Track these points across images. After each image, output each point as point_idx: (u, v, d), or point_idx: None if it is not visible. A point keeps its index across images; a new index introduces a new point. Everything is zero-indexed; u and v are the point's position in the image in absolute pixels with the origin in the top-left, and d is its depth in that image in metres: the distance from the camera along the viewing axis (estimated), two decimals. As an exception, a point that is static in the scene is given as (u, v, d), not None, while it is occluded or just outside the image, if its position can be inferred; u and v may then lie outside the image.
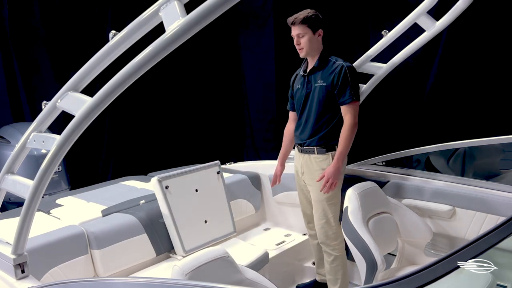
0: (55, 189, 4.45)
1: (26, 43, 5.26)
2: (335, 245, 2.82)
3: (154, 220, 2.88)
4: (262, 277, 1.90)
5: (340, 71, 2.69)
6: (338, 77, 2.69)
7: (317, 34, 2.74)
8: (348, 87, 2.67)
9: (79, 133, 1.67)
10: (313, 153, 2.82)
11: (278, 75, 5.79)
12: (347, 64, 2.72)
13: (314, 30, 2.73)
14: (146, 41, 1.56)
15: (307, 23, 2.70)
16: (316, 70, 2.79)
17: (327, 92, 2.73)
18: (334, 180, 2.68)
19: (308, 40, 2.73)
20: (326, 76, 2.74)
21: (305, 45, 2.74)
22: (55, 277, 2.40)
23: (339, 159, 2.69)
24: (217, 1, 1.34)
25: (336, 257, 2.83)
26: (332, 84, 2.71)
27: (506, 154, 3.45)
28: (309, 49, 2.76)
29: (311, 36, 2.73)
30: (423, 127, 4.78)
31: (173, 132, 6.21)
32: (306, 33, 2.72)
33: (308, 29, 2.71)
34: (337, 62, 2.74)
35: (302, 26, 2.71)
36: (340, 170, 2.71)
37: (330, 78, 2.71)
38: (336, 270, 2.85)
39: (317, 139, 2.80)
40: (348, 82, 2.67)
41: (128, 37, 1.59)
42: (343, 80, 2.68)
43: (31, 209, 1.86)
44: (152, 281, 1.54)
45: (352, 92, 2.67)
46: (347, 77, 2.67)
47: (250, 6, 5.74)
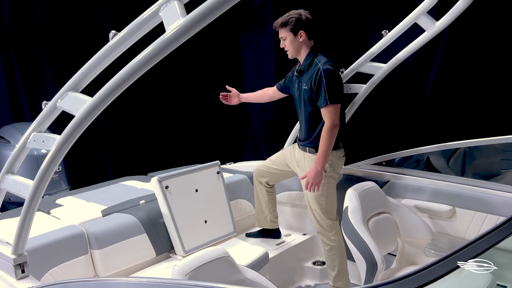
0: (55, 189, 4.44)
1: (26, 43, 5.26)
2: (331, 236, 2.89)
3: (154, 220, 2.88)
4: (262, 277, 1.90)
5: (316, 75, 2.72)
6: (314, 80, 2.72)
7: (298, 36, 2.78)
8: (323, 91, 2.69)
9: (79, 133, 1.67)
10: (305, 152, 2.92)
11: (278, 75, 5.78)
12: (324, 67, 2.71)
13: (295, 32, 2.78)
14: (146, 41, 1.56)
15: (285, 26, 2.79)
16: (303, 72, 2.85)
17: (310, 95, 2.78)
18: (315, 182, 2.73)
19: (290, 43, 2.81)
20: (307, 79, 2.79)
21: (288, 48, 2.84)
22: (55, 277, 2.40)
23: (318, 162, 2.73)
24: (217, 1, 1.34)
25: (333, 247, 2.90)
26: (311, 87, 2.75)
27: (506, 154, 3.45)
28: (293, 51, 2.85)
29: (292, 38, 2.80)
30: (423, 127, 4.77)
31: (173, 132, 6.20)
32: (287, 36, 2.81)
33: (288, 32, 2.79)
34: (318, 65, 2.74)
35: (282, 29, 2.81)
36: (321, 173, 2.74)
37: (310, 82, 2.76)
38: (333, 258, 2.92)
39: (310, 139, 2.88)
40: (324, 86, 2.69)
41: (128, 37, 1.59)
42: (318, 84, 2.70)
43: (31, 209, 1.85)
44: (152, 281, 1.54)
45: (326, 96, 2.68)
46: (322, 81, 2.69)
47: (250, 6, 5.74)
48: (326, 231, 2.90)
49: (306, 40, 2.81)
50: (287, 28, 2.79)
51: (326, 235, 2.91)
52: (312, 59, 2.80)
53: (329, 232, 2.89)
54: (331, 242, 2.90)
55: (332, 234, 2.88)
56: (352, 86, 3.24)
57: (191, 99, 6.26)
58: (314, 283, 3.33)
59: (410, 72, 4.77)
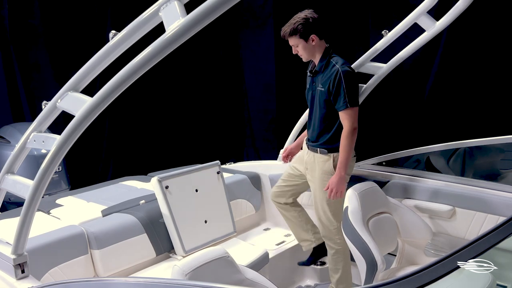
0: (55, 189, 4.44)
1: (26, 43, 5.26)
2: (337, 239, 2.85)
3: (154, 220, 2.88)
4: (262, 277, 1.90)
5: (335, 77, 2.62)
6: (333, 83, 2.63)
7: (310, 40, 2.69)
8: (342, 94, 2.61)
9: (79, 133, 1.67)
10: (316, 152, 2.83)
11: (278, 75, 5.79)
12: (343, 69, 2.63)
13: (306, 37, 2.68)
14: (146, 41, 1.56)
15: (295, 34, 2.68)
16: (318, 73, 2.76)
17: (326, 97, 2.70)
18: (339, 189, 2.68)
19: (303, 49, 2.72)
20: (324, 80, 2.70)
21: (302, 53, 2.75)
22: (55, 277, 2.40)
23: (340, 168, 2.68)
24: (217, 1, 1.34)
25: (338, 250, 2.87)
26: (328, 90, 2.67)
27: (506, 154, 3.45)
28: (307, 56, 2.76)
29: (304, 45, 2.70)
30: (423, 127, 4.78)
31: (173, 132, 6.21)
32: (299, 43, 2.71)
33: (299, 39, 2.69)
34: (335, 66, 2.66)
35: (292, 38, 2.71)
36: (344, 178, 2.70)
37: (327, 84, 2.67)
38: (337, 261, 2.90)
39: (321, 140, 2.80)
40: (343, 89, 2.61)
41: (128, 37, 1.59)
42: (337, 87, 2.62)
43: (31, 209, 1.85)
44: (152, 281, 1.54)
45: (346, 99, 2.61)
46: (341, 83, 2.61)
47: (250, 6, 5.74)
48: (333, 234, 2.84)
49: (318, 41, 2.71)
50: (297, 36, 2.68)
51: (332, 238, 2.86)
52: (328, 60, 2.71)
53: (335, 235, 2.84)
54: (336, 245, 2.86)
55: (338, 237, 2.83)
56: None
57: (191, 99, 6.26)
58: (314, 283, 3.33)
59: (410, 72, 4.77)
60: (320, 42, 2.73)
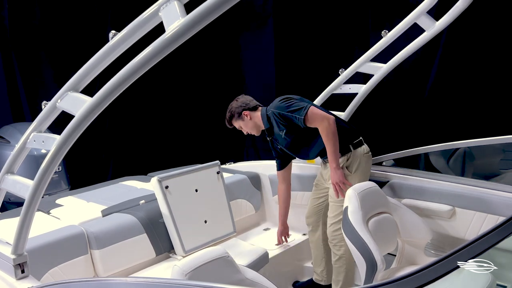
0: (55, 189, 4.45)
1: (26, 43, 5.26)
2: (341, 245, 2.84)
3: (154, 220, 2.88)
4: (262, 277, 1.90)
5: (279, 119, 2.84)
6: (282, 122, 2.84)
7: (244, 116, 3.01)
8: (293, 117, 2.78)
9: (79, 133, 1.67)
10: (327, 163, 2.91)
11: (278, 75, 5.79)
12: (274, 110, 2.84)
13: (239, 117, 3.02)
14: (146, 41, 1.56)
15: (231, 120, 3.06)
16: (271, 129, 2.99)
17: (293, 132, 2.87)
18: (339, 179, 2.74)
19: (245, 126, 3.06)
20: (279, 129, 2.90)
21: (248, 130, 3.08)
22: (55, 277, 2.40)
23: (331, 161, 2.75)
24: (217, 1, 1.34)
25: (340, 257, 2.86)
26: (286, 128, 2.86)
27: (506, 154, 3.45)
28: (254, 129, 3.06)
29: (242, 123, 3.04)
30: (423, 127, 4.78)
31: (173, 132, 6.21)
32: (239, 123, 3.06)
33: (236, 121, 3.05)
34: (272, 113, 2.87)
35: (231, 123, 3.08)
36: (338, 168, 2.75)
37: (281, 127, 2.87)
38: (339, 272, 2.89)
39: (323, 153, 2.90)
40: (290, 115, 2.79)
41: (128, 37, 1.59)
42: (285, 119, 2.82)
43: (31, 209, 1.85)
44: (152, 281, 1.54)
45: (297, 115, 2.75)
46: (283, 116, 2.81)
47: (250, 6, 5.74)
48: (340, 240, 2.82)
49: (252, 113, 3.01)
50: (234, 118, 3.04)
51: (337, 245, 2.86)
52: (267, 116, 2.96)
53: (341, 240, 2.80)
54: (339, 252, 2.85)
55: (343, 244, 2.81)
56: (352, 86, 3.24)
57: (191, 99, 6.26)
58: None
59: (410, 72, 4.78)
60: (254, 112, 3.02)
